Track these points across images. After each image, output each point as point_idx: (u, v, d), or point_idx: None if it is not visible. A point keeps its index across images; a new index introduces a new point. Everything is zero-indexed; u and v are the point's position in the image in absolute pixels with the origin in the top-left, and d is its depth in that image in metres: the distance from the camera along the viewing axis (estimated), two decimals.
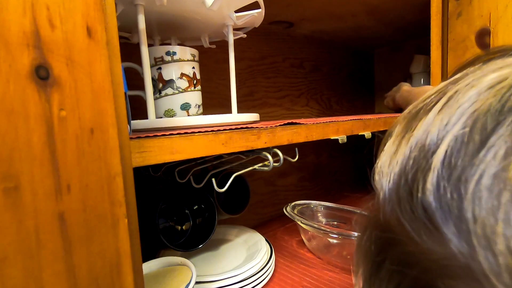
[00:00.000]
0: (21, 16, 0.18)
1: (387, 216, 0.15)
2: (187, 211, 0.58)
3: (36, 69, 0.19)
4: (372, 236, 0.17)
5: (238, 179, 0.61)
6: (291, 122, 0.38)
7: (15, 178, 0.18)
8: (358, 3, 0.68)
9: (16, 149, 0.18)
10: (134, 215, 0.24)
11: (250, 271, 0.47)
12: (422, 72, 0.89)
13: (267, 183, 0.83)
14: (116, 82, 0.22)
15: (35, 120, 0.19)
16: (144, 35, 0.38)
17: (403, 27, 0.89)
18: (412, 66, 0.91)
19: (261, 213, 0.82)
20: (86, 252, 0.21)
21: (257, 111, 0.76)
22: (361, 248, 0.18)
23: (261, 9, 0.44)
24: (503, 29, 0.58)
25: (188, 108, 0.45)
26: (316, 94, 0.97)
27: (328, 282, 0.52)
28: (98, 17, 0.21)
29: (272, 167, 0.38)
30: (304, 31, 0.89)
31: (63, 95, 0.20)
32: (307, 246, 0.64)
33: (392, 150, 0.16)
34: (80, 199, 0.21)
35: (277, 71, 0.84)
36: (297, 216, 0.60)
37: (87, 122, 0.21)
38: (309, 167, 0.96)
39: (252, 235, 0.60)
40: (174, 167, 0.46)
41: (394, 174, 0.15)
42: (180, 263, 0.41)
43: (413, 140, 0.15)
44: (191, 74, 0.45)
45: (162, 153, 0.26)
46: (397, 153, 0.15)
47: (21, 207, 0.18)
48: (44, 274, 0.19)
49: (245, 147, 0.32)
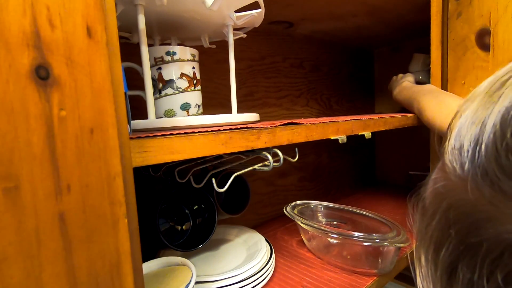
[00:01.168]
0: (21, 16, 0.18)
1: (476, 191, 0.14)
2: (187, 211, 0.58)
3: (36, 69, 0.19)
4: (451, 218, 0.15)
5: (238, 179, 0.61)
6: (291, 122, 0.38)
7: (15, 178, 0.18)
8: (358, 3, 0.68)
9: (16, 149, 0.18)
10: (134, 215, 0.24)
11: (250, 271, 0.47)
12: (421, 70, 0.89)
13: (267, 183, 0.83)
14: (116, 82, 0.22)
15: (35, 120, 0.19)
16: (144, 35, 0.38)
17: (403, 27, 0.89)
18: (411, 64, 0.91)
19: (261, 213, 0.82)
20: (86, 252, 0.21)
21: (257, 111, 0.76)
22: (433, 233, 0.16)
23: (261, 9, 0.44)
24: (503, 29, 0.57)
25: (188, 108, 0.45)
26: (316, 94, 0.97)
27: (328, 282, 0.52)
28: (98, 17, 0.21)
29: (272, 167, 0.38)
30: (304, 31, 0.89)
31: (63, 95, 0.20)
32: (307, 246, 0.64)
33: (475, 120, 0.15)
34: (80, 199, 0.21)
35: (277, 71, 0.84)
36: (297, 216, 0.60)
37: (87, 122, 0.21)
38: (309, 167, 0.96)
39: (252, 235, 0.60)
40: (174, 167, 0.46)
41: (486, 142, 0.14)
42: (180, 263, 0.41)
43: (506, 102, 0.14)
44: (191, 74, 0.45)
45: (162, 153, 0.26)
46: (483, 123, 0.15)
47: (21, 207, 0.18)
48: (44, 274, 0.19)
49: (245, 147, 0.32)
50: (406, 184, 1.13)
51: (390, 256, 0.52)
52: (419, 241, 0.18)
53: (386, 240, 0.49)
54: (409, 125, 0.63)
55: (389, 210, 0.87)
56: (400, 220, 0.79)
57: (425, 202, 0.18)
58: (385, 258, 0.52)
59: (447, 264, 0.15)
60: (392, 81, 0.84)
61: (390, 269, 0.53)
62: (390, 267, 0.53)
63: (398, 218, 0.81)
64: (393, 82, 0.83)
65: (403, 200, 0.96)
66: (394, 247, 0.50)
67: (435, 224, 0.16)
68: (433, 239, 0.16)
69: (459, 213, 0.15)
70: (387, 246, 0.50)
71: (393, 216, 0.82)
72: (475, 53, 0.62)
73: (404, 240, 0.49)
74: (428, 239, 0.17)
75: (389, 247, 0.50)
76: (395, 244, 0.49)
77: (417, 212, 0.19)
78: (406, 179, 1.13)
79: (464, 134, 0.16)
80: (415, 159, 1.10)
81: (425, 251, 0.17)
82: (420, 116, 0.62)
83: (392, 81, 0.84)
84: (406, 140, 1.12)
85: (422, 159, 1.07)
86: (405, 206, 0.89)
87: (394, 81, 0.83)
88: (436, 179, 0.17)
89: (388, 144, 1.19)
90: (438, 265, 0.16)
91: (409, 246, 0.63)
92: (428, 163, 0.73)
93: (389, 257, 0.52)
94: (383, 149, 1.21)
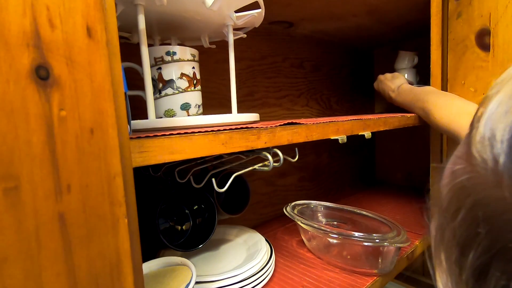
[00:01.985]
0: (21, 16, 0.18)
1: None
2: (187, 211, 0.58)
3: (36, 69, 0.19)
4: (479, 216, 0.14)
5: (238, 179, 0.61)
6: (291, 122, 0.38)
7: (15, 178, 0.18)
8: (358, 3, 0.68)
9: (16, 149, 0.18)
10: (134, 215, 0.24)
11: (250, 271, 0.47)
12: (406, 68, 0.89)
13: (267, 183, 0.83)
14: (116, 82, 0.22)
15: (35, 120, 0.19)
16: (144, 35, 0.38)
17: (403, 27, 0.89)
18: (396, 62, 0.92)
19: (261, 213, 0.82)
20: (86, 252, 0.21)
21: (257, 111, 0.76)
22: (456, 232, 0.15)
23: (261, 9, 0.44)
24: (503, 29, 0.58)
25: (188, 108, 0.45)
26: (316, 94, 0.97)
27: (328, 282, 0.52)
28: (98, 17, 0.21)
29: (272, 167, 0.38)
30: (304, 31, 0.89)
31: (63, 95, 0.20)
32: (307, 246, 0.64)
33: (509, 108, 0.14)
34: (80, 199, 0.21)
35: (277, 71, 0.84)
36: (297, 216, 0.60)
37: (87, 122, 0.21)
38: (309, 167, 0.96)
39: (252, 235, 0.60)
40: (174, 167, 0.46)
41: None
42: (180, 263, 0.41)
43: None
44: (191, 74, 0.45)
45: (162, 153, 0.26)
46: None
47: (21, 207, 0.18)
48: (44, 274, 0.19)
49: (245, 147, 0.32)
50: (406, 184, 1.13)
51: (390, 256, 0.52)
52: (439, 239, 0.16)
53: (386, 240, 0.49)
54: (409, 125, 0.63)
55: (389, 210, 0.87)
56: (400, 220, 0.80)
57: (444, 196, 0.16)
58: (385, 258, 0.52)
59: (475, 267, 0.14)
60: (380, 80, 0.82)
61: (390, 269, 0.53)
62: (390, 267, 0.53)
63: (398, 218, 0.81)
64: (382, 82, 0.81)
65: (403, 200, 0.96)
66: (394, 247, 0.50)
67: (459, 222, 0.15)
68: (457, 239, 0.15)
69: (490, 211, 0.13)
70: (387, 246, 0.50)
71: (393, 216, 0.82)
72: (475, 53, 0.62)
73: (404, 240, 0.49)
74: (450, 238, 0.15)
75: (389, 247, 0.50)
76: (395, 244, 0.49)
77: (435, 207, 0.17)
78: (406, 179, 1.14)
79: (496, 123, 0.14)
80: (415, 159, 1.10)
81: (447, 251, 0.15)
82: (426, 116, 0.62)
83: (380, 81, 0.81)
84: (406, 140, 1.12)
85: (422, 159, 1.07)
86: (405, 206, 0.90)
87: (383, 81, 0.80)
88: (458, 171, 0.15)
89: (388, 144, 1.19)
90: (464, 268, 0.14)
91: (409, 246, 0.63)
92: (428, 163, 0.73)
93: (389, 257, 0.52)
94: (383, 149, 1.21)
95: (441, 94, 0.64)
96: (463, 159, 0.15)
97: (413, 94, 0.68)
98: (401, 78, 0.78)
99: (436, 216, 0.17)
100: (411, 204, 0.92)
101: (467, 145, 0.15)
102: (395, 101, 0.75)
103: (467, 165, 0.15)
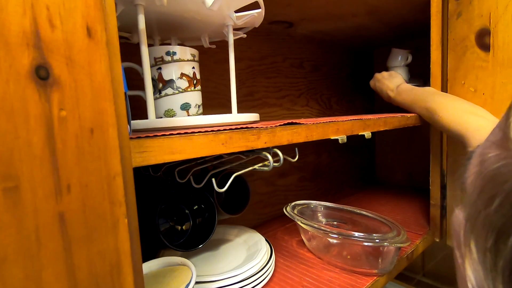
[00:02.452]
0: (21, 16, 0.18)
1: None
2: (187, 211, 0.58)
3: (36, 69, 0.19)
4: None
5: (238, 179, 0.61)
6: (291, 122, 0.38)
7: (15, 178, 0.18)
8: (358, 3, 0.68)
9: (16, 149, 0.18)
10: (134, 215, 0.24)
11: (250, 271, 0.47)
12: (399, 66, 0.89)
13: (267, 183, 0.83)
14: (116, 82, 0.22)
15: (35, 120, 0.19)
16: (144, 35, 0.38)
17: (403, 27, 0.89)
18: (389, 60, 0.91)
19: (261, 213, 0.82)
20: (86, 252, 0.21)
21: (257, 111, 0.76)
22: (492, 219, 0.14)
23: (261, 9, 0.44)
24: (503, 29, 0.57)
25: (188, 108, 0.45)
26: (316, 94, 0.97)
27: (328, 282, 0.52)
28: (98, 17, 0.21)
29: (272, 167, 0.38)
30: (304, 31, 0.89)
31: (63, 95, 0.20)
32: (307, 246, 0.64)
33: None
34: (80, 199, 0.21)
35: (277, 71, 0.84)
36: (297, 216, 0.60)
37: (87, 122, 0.21)
38: (309, 167, 0.96)
39: (252, 235, 0.60)
40: (174, 167, 0.46)
41: None
42: (180, 263, 0.41)
43: None
44: (191, 74, 0.45)
45: (162, 153, 0.26)
46: None
47: (21, 207, 0.18)
48: (44, 274, 0.19)
49: (245, 147, 0.32)
50: (406, 184, 1.13)
51: (390, 256, 0.52)
52: (471, 227, 0.16)
53: (386, 240, 0.49)
54: (409, 125, 0.63)
55: (389, 210, 0.88)
56: (400, 220, 0.80)
57: (476, 185, 0.16)
58: (385, 258, 0.52)
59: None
60: (377, 79, 0.80)
61: (390, 269, 0.53)
62: (390, 267, 0.53)
63: (398, 218, 0.81)
64: (379, 80, 0.79)
65: (403, 200, 0.96)
66: (394, 247, 0.50)
67: (495, 209, 0.14)
68: (492, 226, 0.14)
69: None
70: (387, 246, 0.50)
71: (393, 216, 0.82)
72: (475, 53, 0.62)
73: (404, 240, 0.49)
74: (484, 225, 0.15)
75: (389, 247, 0.50)
76: (395, 244, 0.49)
77: (467, 194, 0.16)
78: (406, 179, 1.14)
79: None
80: (415, 159, 1.10)
81: (480, 239, 0.15)
82: (430, 116, 0.61)
83: (377, 79, 0.80)
84: (406, 140, 1.12)
85: (422, 159, 1.07)
86: (405, 206, 0.90)
87: (380, 79, 0.79)
88: (490, 158, 0.15)
89: (388, 144, 1.19)
90: (499, 257, 0.14)
91: (409, 246, 0.63)
92: (428, 163, 0.73)
93: (389, 257, 0.52)
94: (383, 149, 1.21)
95: (445, 94, 0.64)
96: (499, 145, 0.15)
97: (414, 94, 0.68)
98: (399, 77, 0.78)
99: (465, 205, 0.16)
100: (411, 204, 0.92)
101: (503, 132, 0.15)
102: (394, 101, 0.75)
103: (502, 151, 0.15)
